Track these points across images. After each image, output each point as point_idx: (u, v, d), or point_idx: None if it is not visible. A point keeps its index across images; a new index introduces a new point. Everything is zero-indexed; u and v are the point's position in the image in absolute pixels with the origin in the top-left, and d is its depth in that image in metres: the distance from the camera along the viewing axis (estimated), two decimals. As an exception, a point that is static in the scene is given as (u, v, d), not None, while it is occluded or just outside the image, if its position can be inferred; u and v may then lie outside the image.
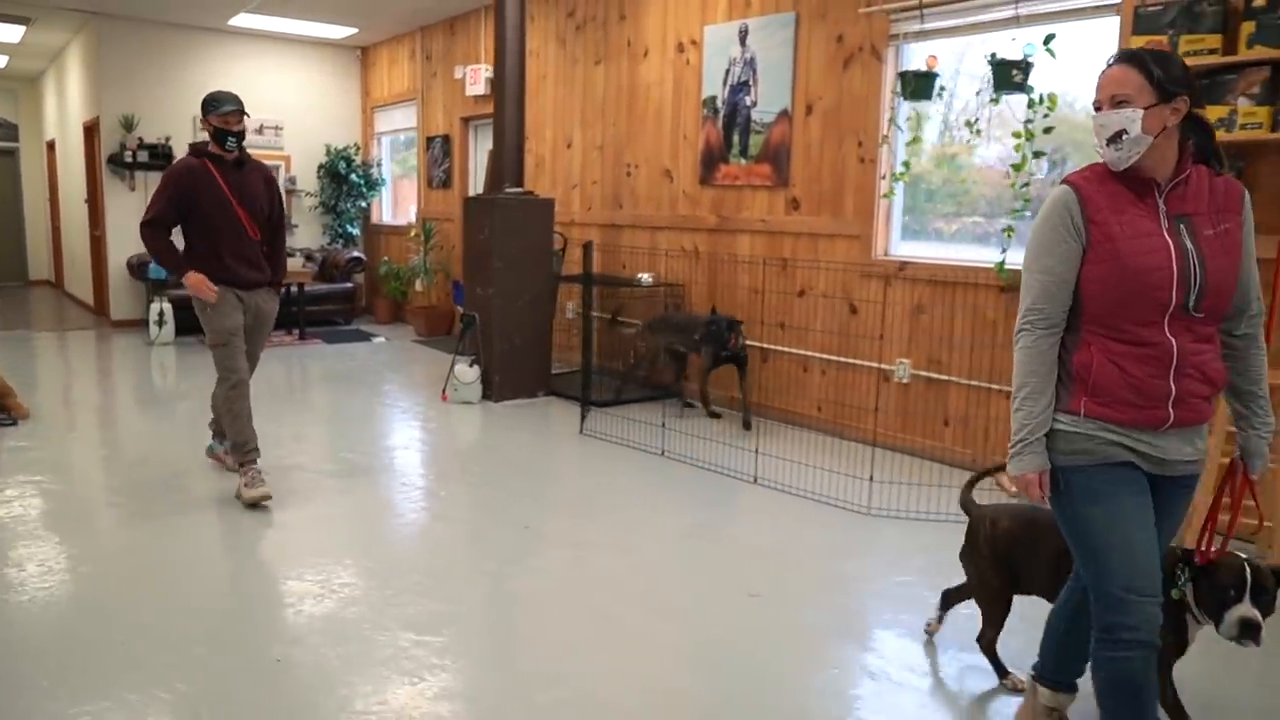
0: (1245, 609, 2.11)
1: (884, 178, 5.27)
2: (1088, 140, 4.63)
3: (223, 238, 4.26)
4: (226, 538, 3.82)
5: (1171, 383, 2.00)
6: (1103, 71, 2.06)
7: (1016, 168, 4.60)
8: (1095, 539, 2.06)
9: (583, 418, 5.78)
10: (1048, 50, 4.49)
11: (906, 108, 5.11)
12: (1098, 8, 4.42)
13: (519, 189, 6.58)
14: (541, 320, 6.61)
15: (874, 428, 5.38)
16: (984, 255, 4.93)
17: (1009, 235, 4.71)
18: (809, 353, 5.80)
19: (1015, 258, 4.73)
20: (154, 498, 4.29)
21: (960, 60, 5.03)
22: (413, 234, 9.67)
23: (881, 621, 3.18)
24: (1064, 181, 2.09)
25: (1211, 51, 3.94)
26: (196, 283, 4.18)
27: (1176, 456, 2.06)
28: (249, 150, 4.49)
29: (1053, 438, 2.09)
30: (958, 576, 3.54)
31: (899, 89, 4.97)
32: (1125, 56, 2.04)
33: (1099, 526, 2.05)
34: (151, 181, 9.54)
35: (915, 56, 5.14)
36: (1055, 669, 2.46)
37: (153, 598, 3.23)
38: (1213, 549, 2.18)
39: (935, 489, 4.60)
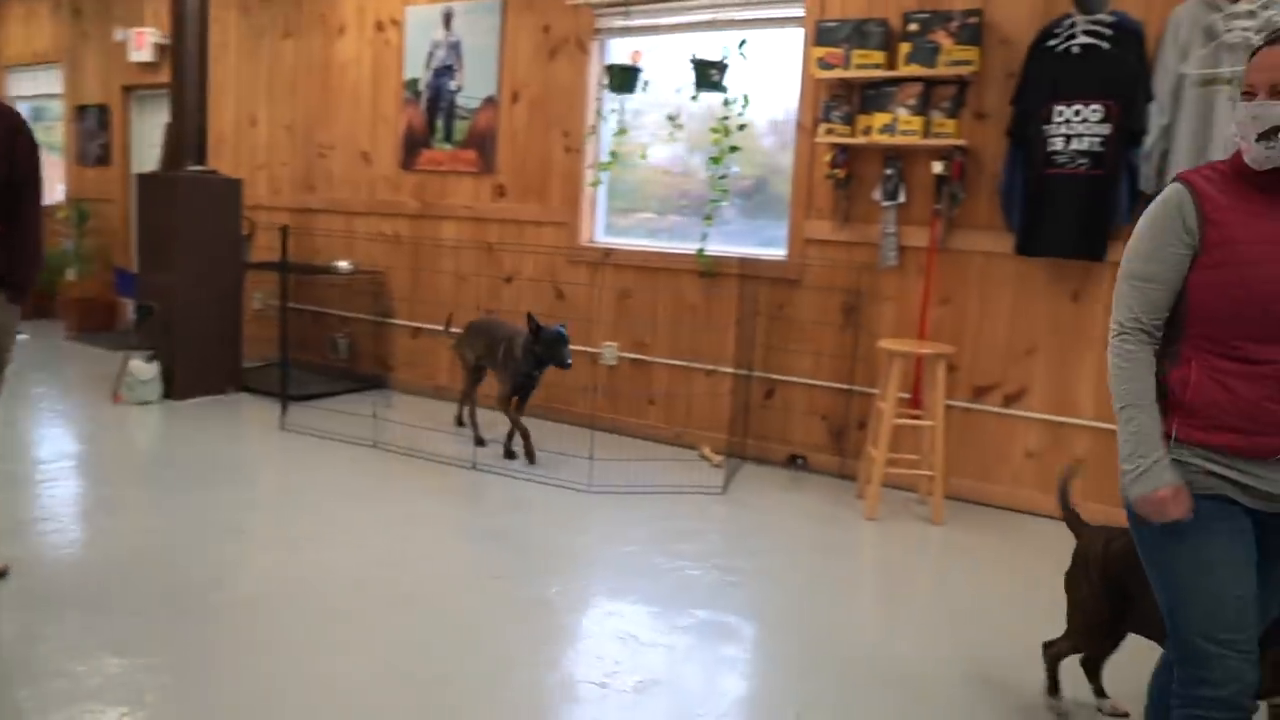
0: None
1: (591, 167, 5.44)
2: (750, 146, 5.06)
3: None
4: None
5: None
6: (1263, 50, 1.73)
7: (715, 160, 4.95)
8: (1178, 580, 1.80)
9: (283, 412, 5.40)
10: (740, 54, 4.87)
11: (614, 100, 5.29)
12: (784, 19, 4.85)
13: (201, 167, 6.01)
14: (230, 311, 6.08)
15: (592, 408, 5.53)
16: (690, 244, 5.24)
17: (708, 223, 5.04)
18: (520, 339, 5.84)
19: (713, 246, 5.08)
20: None
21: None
22: (61, 215, 8.48)
23: (616, 590, 3.29)
24: (1177, 179, 1.81)
25: (876, 66, 4.47)
26: None
27: None
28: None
29: None
30: (683, 541, 3.76)
31: (605, 82, 5.14)
32: None
33: (1183, 567, 1.79)
34: None
35: (621, 51, 5.34)
36: None
37: None
38: None
39: (647, 464, 4.82)
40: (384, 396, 6.09)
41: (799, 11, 4.76)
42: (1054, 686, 2.59)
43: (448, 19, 5.91)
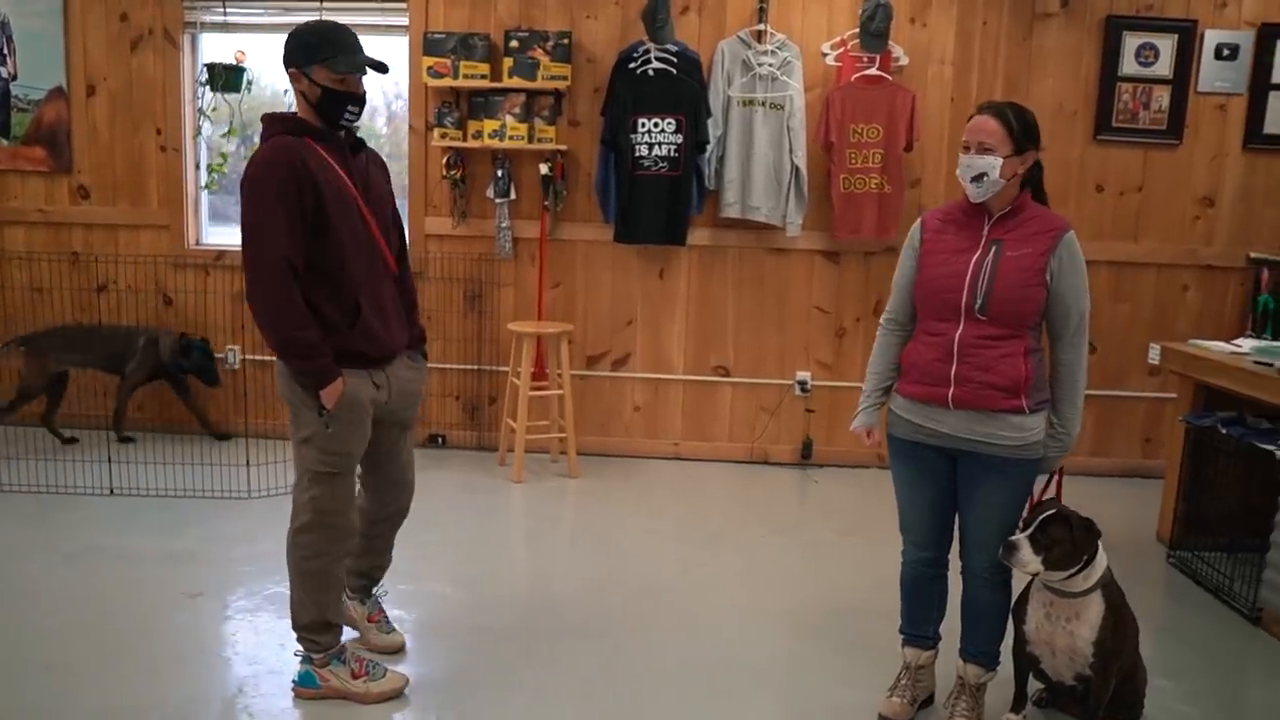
0: (1013, 536, 2.39)
1: (199, 167, 5.26)
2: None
3: None
4: None
5: (953, 367, 2.37)
6: (973, 117, 2.37)
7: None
8: (896, 489, 2.62)
9: None
10: (348, 58, 5.04)
11: (221, 98, 5.12)
12: (389, 27, 5.12)
13: None
14: None
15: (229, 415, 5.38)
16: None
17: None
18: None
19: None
20: None
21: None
22: None
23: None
24: (922, 216, 2.56)
25: (483, 77, 4.95)
26: None
27: (963, 434, 2.40)
28: None
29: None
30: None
31: (207, 80, 5.01)
32: (993, 109, 2.34)
33: (895, 481, 2.62)
34: None
35: (219, 47, 5.17)
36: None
37: None
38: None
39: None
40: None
41: (404, 21, 5.07)
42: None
43: (-13, -4, 5.25)
